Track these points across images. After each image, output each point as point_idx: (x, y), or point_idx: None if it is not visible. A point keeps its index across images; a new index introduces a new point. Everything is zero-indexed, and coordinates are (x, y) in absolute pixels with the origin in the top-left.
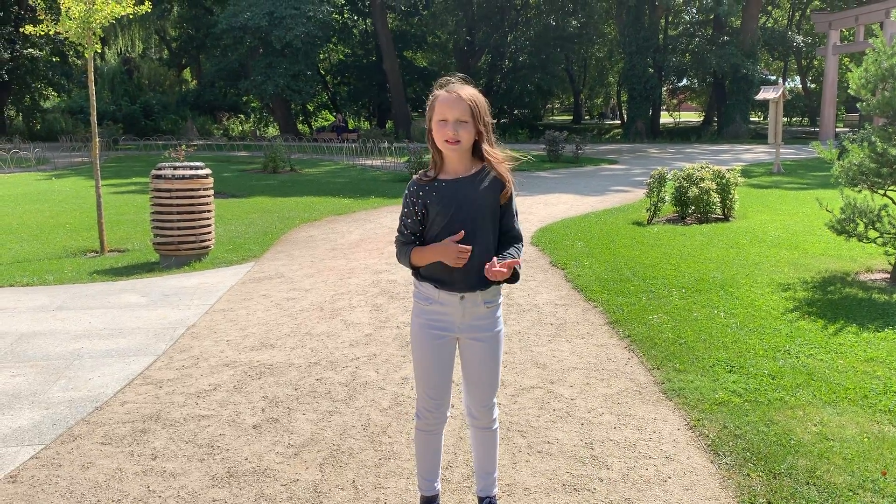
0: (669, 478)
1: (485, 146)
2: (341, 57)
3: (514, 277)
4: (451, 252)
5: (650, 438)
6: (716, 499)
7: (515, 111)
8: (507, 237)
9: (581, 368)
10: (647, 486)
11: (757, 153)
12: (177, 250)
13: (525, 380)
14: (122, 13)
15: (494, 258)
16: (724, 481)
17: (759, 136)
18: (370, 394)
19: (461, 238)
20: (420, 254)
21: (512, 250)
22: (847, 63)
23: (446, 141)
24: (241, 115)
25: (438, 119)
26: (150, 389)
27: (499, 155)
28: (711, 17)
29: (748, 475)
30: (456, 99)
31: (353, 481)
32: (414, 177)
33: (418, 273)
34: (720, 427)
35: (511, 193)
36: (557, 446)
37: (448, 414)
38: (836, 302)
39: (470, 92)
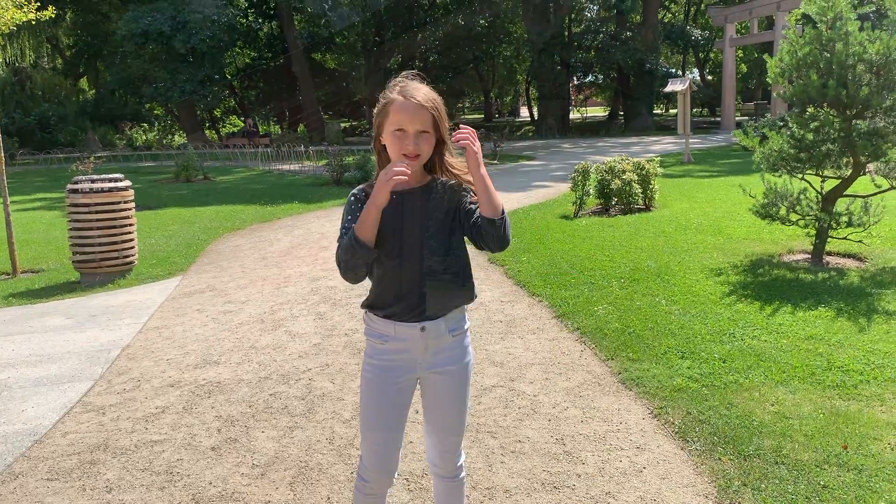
0: (644, 468)
1: (447, 158)
2: (248, 60)
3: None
4: (388, 173)
5: (618, 430)
6: (692, 485)
7: None
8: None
9: (538, 364)
10: (624, 479)
11: (665, 144)
12: (99, 267)
13: (485, 379)
14: (25, 19)
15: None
16: (697, 467)
17: (663, 128)
18: (329, 405)
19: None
20: (362, 217)
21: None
22: (741, 55)
23: (405, 155)
24: (145, 124)
25: (394, 129)
26: (93, 417)
27: (463, 168)
28: (614, 13)
29: (719, 459)
30: (417, 107)
31: (328, 498)
32: (360, 186)
33: (370, 305)
34: (684, 413)
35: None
36: (529, 444)
37: (395, 476)
38: (768, 284)
39: (429, 95)
